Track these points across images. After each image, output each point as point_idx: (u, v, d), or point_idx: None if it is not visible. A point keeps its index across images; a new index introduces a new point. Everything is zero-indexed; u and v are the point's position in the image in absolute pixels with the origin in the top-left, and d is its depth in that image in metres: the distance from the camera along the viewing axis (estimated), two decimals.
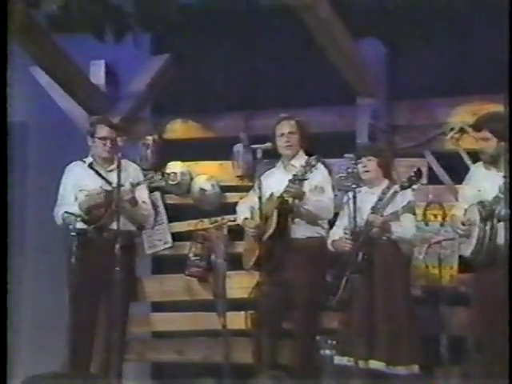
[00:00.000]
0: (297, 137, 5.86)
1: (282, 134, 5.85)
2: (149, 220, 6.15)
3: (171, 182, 6.69)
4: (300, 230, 5.71)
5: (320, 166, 5.75)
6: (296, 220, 5.70)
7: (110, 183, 5.81)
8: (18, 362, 6.26)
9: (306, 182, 5.62)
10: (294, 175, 5.62)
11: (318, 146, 5.93)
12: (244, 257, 5.88)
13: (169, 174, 6.00)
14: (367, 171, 5.62)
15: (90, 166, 5.95)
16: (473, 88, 6.06)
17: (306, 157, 5.80)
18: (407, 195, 5.47)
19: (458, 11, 6.04)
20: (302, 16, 5.80)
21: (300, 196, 5.62)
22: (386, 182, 5.61)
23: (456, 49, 6.14)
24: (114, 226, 5.58)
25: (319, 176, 5.75)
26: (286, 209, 5.64)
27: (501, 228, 5.16)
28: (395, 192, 5.48)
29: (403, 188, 5.45)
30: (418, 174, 5.44)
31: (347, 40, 6.11)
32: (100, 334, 5.88)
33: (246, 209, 5.91)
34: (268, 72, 6.64)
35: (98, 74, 6.98)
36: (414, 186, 5.44)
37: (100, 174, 5.91)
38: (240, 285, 6.14)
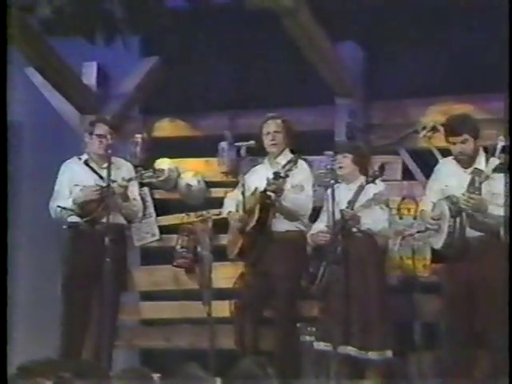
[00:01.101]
0: (282, 135, 5.89)
1: (268, 133, 5.90)
2: (137, 215, 6.19)
3: (159, 178, 6.72)
4: (280, 224, 5.76)
5: (302, 164, 5.81)
6: (277, 214, 5.76)
7: (104, 179, 5.86)
8: (13, 350, 6.29)
9: (287, 179, 5.68)
10: (275, 172, 5.67)
11: (299, 144, 5.99)
12: (228, 247, 5.94)
13: (159, 171, 6.08)
14: (341, 167, 5.68)
15: (86, 162, 6.00)
16: (443, 89, 6.11)
17: (292, 155, 5.86)
18: (373, 188, 5.53)
19: (431, 16, 6.11)
20: (284, 21, 5.86)
21: (279, 192, 5.67)
22: (362, 179, 5.66)
23: (428, 52, 6.18)
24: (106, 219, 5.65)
25: (300, 174, 5.79)
26: (268, 204, 5.70)
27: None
28: (362, 187, 5.56)
29: (368, 182, 5.54)
30: (381, 169, 5.55)
31: (326, 44, 6.15)
32: (92, 322, 5.92)
33: (231, 203, 5.97)
34: (252, 74, 6.66)
35: (89, 75, 6.99)
36: (377, 181, 5.53)
37: (95, 171, 5.96)
38: (225, 275, 6.18)
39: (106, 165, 5.86)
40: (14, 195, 6.89)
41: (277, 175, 5.63)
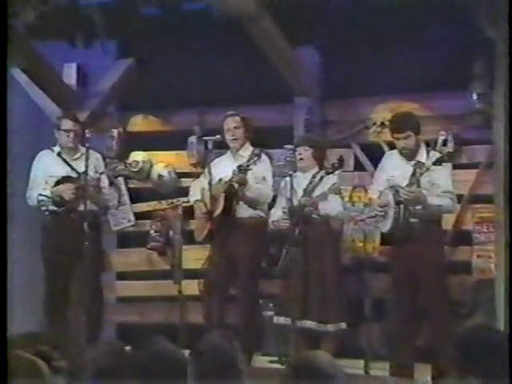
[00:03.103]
0: (242, 130, 5.89)
1: (228, 130, 5.89)
2: (109, 202, 6.19)
3: (133, 169, 6.74)
4: (243, 211, 5.79)
5: (264, 157, 5.86)
6: (240, 202, 5.81)
7: (75, 170, 5.87)
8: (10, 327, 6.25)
9: (250, 171, 5.73)
10: (239, 166, 5.71)
11: (261, 138, 6.05)
12: (195, 232, 5.97)
13: (130, 164, 6.12)
14: (302, 159, 5.74)
15: (59, 154, 5.99)
16: (391, 89, 6.16)
17: (252, 148, 5.90)
18: (332, 179, 5.61)
19: (379, 23, 6.17)
20: (247, 26, 5.90)
21: (244, 183, 5.73)
22: (316, 168, 5.75)
23: (377, 56, 6.26)
24: (81, 207, 5.65)
25: (262, 166, 5.83)
26: (232, 193, 5.75)
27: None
28: (322, 177, 5.64)
29: (328, 173, 5.61)
30: (341, 161, 5.62)
31: (287, 48, 6.19)
32: (74, 301, 5.93)
33: (196, 190, 5.99)
34: (219, 74, 6.69)
35: (70, 75, 6.98)
36: (337, 172, 5.62)
37: (67, 162, 5.95)
38: (194, 257, 6.23)
39: (76, 156, 5.89)
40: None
41: (241, 168, 5.68)
